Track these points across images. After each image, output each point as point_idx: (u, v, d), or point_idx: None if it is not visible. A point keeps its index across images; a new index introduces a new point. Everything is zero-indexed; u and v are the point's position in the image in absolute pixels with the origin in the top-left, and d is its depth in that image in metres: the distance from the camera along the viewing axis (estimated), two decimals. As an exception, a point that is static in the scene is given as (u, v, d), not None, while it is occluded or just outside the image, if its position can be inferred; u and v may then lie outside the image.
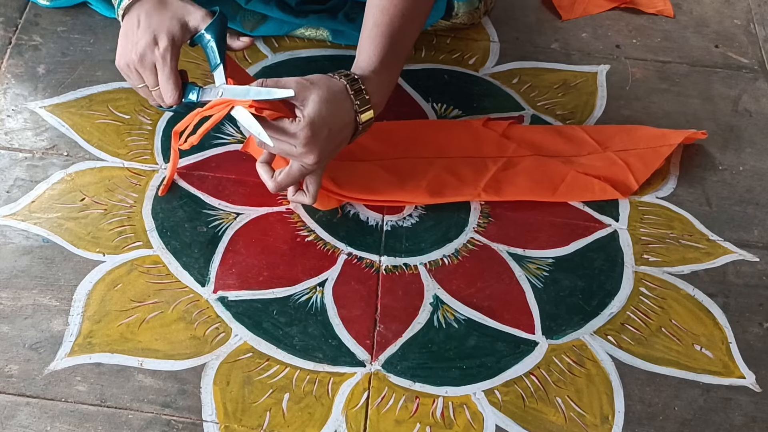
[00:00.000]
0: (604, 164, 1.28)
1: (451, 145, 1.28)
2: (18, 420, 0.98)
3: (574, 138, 1.32)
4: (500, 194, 1.23)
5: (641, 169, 1.29)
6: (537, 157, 1.28)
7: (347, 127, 1.10)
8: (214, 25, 1.09)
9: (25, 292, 1.09)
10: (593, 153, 1.30)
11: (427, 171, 1.24)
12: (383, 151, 1.26)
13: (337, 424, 1.02)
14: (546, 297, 1.16)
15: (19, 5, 1.42)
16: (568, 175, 1.26)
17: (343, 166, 1.22)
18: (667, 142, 1.32)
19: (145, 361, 1.04)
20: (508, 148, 1.28)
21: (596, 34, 1.53)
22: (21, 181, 1.20)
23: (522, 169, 1.26)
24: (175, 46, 1.08)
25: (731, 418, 1.08)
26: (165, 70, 1.08)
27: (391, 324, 1.11)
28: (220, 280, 1.13)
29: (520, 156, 1.27)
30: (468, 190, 1.23)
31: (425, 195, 1.22)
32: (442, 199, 1.23)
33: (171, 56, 1.07)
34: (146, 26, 1.08)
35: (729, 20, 1.58)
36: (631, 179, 1.27)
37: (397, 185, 1.22)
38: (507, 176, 1.25)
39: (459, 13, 1.46)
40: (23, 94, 1.30)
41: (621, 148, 1.31)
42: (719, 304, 1.18)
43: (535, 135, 1.31)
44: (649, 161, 1.30)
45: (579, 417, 1.05)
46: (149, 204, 1.19)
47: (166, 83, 1.08)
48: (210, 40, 1.09)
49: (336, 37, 1.42)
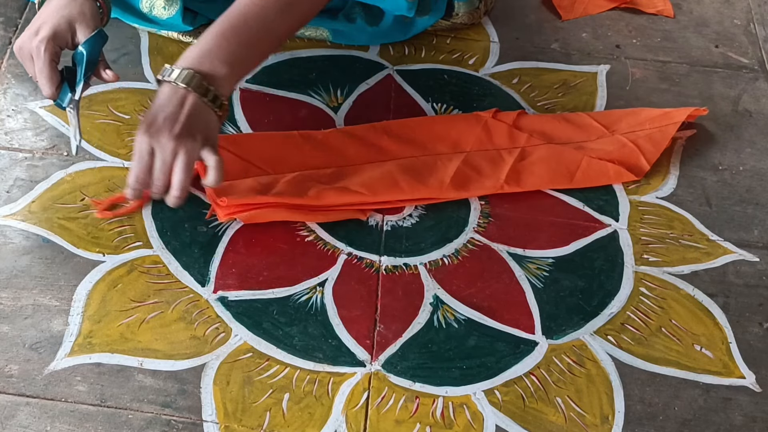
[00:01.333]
0: (615, 147, 1.30)
1: (466, 139, 1.28)
2: (18, 420, 0.98)
3: (582, 124, 1.34)
4: (521, 185, 1.24)
5: (651, 150, 1.31)
6: (550, 146, 1.29)
7: (182, 99, 1.07)
8: (91, 41, 1.11)
9: (25, 292, 1.09)
10: (602, 137, 1.32)
11: (447, 167, 1.24)
12: (399, 150, 1.25)
13: (337, 424, 1.02)
14: (546, 297, 1.16)
15: (19, 5, 1.42)
16: (582, 161, 1.27)
17: (362, 170, 1.22)
18: (671, 121, 1.34)
19: (145, 361, 1.04)
20: (520, 138, 1.29)
21: (596, 34, 1.53)
22: (21, 181, 1.20)
23: (538, 158, 1.27)
24: (52, 40, 1.09)
25: (731, 418, 1.08)
26: (38, 62, 1.09)
27: (391, 324, 1.11)
28: (220, 280, 1.13)
29: (533, 145, 1.29)
30: (490, 183, 1.24)
31: (451, 190, 1.22)
32: (467, 193, 1.23)
33: (45, 48, 1.08)
34: (38, 17, 1.11)
35: (729, 20, 1.58)
36: (642, 161, 1.30)
37: (420, 183, 1.22)
38: (525, 166, 1.26)
39: (459, 13, 1.46)
40: (23, 94, 1.30)
41: (628, 131, 1.33)
42: (719, 304, 1.18)
43: (545, 124, 1.33)
44: (658, 141, 1.32)
45: (579, 417, 1.05)
46: (149, 204, 1.19)
47: (39, 75, 1.10)
48: (83, 55, 1.11)
49: (336, 37, 1.42)
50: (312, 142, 1.24)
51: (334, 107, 1.34)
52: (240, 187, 1.16)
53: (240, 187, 1.16)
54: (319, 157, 1.23)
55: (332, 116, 1.33)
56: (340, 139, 1.26)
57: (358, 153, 1.24)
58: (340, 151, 1.24)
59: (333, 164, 1.22)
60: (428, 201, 1.23)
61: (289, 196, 1.16)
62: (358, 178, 1.21)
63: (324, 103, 1.35)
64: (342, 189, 1.19)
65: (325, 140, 1.25)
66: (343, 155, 1.24)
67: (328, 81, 1.37)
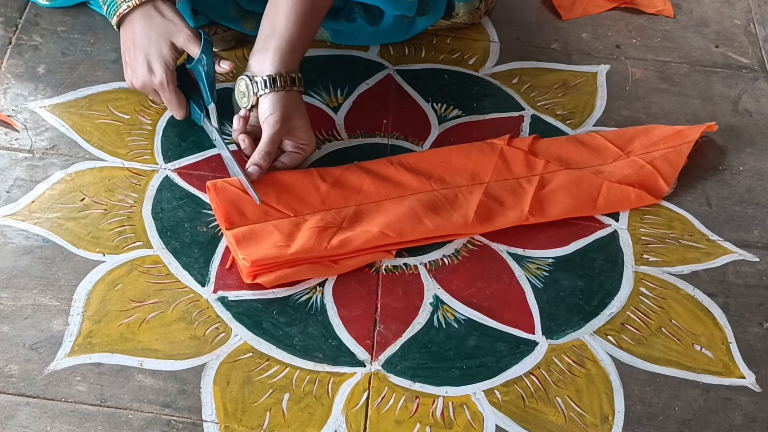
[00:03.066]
0: (633, 170, 1.28)
1: (485, 170, 1.25)
2: (18, 420, 0.98)
3: (597, 146, 1.31)
4: (546, 215, 1.22)
5: (668, 170, 1.29)
6: (569, 171, 1.27)
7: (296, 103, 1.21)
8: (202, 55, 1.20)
9: (25, 292, 1.09)
10: (618, 159, 1.30)
11: (469, 200, 1.21)
12: (419, 184, 1.23)
13: (337, 424, 1.02)
14: (546, 297, 1.16)
15: (19, 5, 1.42)
16: (603, 187, 1.25)
17: (384, 208, 1.19)
18: (685, 140, 1.32)
19: (145, 361, 1.04)
20: (537, 165, 1.27)
21: (596, 34, 1.53)
22: (21, 181, 1.20)
23: (558, 186, 1.25)
24: (168, 70, 1.20)
25: (731, 418, 1.08)
26: (165, 95, 1.22)
27: (391, 324, 1.11)
28: (220, 280, 1.13)
29: (551, 172, 1.26)
30: (514, 215, 1.21)
31: (476, 225, 1.20)
32: (492, 227, 1.21)
33: (167, 81, 1.21)
34: (140, 50, 1.21)
35: (729, 20, 1.58)
36: (661, 182, 1.28)
37: (445, 220, 1.19)
38: (547, 195, 1.24)
39: (459, 13, 1.46)
40: (23, 94, 1.30)
41: (643, 151, 1.31)
42: (719, 304, 1.18)
43: (560, 148, 1.30)
44: (674, 161, 1.30)
45: (579, 417, 1.05)
46: (149, 204, 1.19)
47: (169, 104, 1.24)
48: (201, 72, 1.21)
49: (336, 37, 1.42)
50: (330, 180, 1.21)
51: (334, 107, 1.34)
52: (263, 243, 1.12)
53: (263, 242, 1.12)
54: (338, 195, 1.20)
55: (332, 116, 1.33)
56: (357, 175, 1.22)
57: (377, 189, 1.21)
58: (359, 188, 1.21)
59: (352, 202, 1.19)
60: (454, 238, 1.20)
61: (312, 248, 1.12)
62: (381, 218, 1.17)
63: (324, 103, 1.35)
64: (366, 233, 1.15)
65: (343, 177, 1.22)
66: (362, 192, 1.21)
67: (328, 81, 1.37)
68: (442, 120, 1.35)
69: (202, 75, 1.21)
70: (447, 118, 1.35)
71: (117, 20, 1.22)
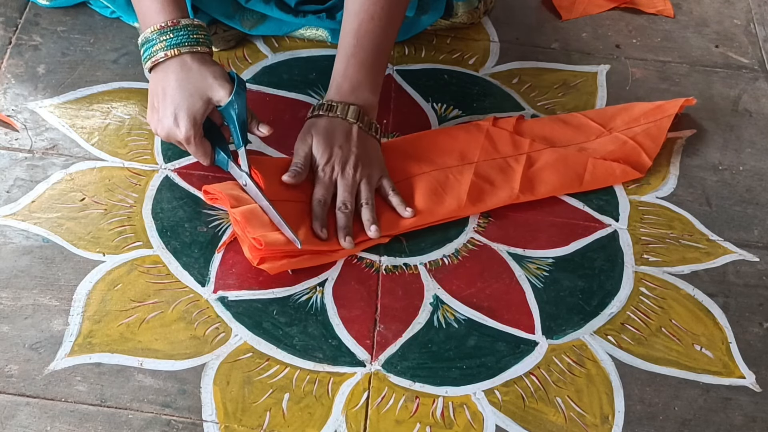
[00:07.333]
0: (616, 146, 1.31)
1: (472, 150, 1.27)
2: (18, 420, 0.98)
3: (579, 124, 1.34)
4: (535, 193, 1.24)
5: (650, 145, 1.32)
6: (554, 149, 1.29)
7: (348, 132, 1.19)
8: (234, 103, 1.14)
9: (25, 292, 1.09)
10: (601, 136, 1.32)
11: (461, 181, 1.23)
12: (410, 167, 1.24)
13: (337, 424, 1.02)
14: (546, 297, 1.16)
15: (19, 5, 1.42)
16: (588, 163, 1.28)
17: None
18: (665, 114, 1.35)
19: (145, 361, 1.04)
20: (523, 144, 1.29)
21: (596, 34, 1.53)
22: (21, 181, 1.20)
23: (545, 164, 1.27)
24: (196, 125, 1.14)
25: (731, 418, 1.08)
26: (191, 147, 1.17)
27: (391, 324, 1.11)
28: (220, 280, 1.13)
29: (537, 150, 1.28)
30: (505, 194, 1.23)
31: (470, 207, 1.21)
32: (484, 207, 1.22)
33: (193, 136, 1.15)
34: (170, 101, 1.14)
35: (729, 20, 1.58)
36: (644, 157, 1.31)
37: (438, 205, 1.20)
38: (535, 173, 1.25)
39: (459, 13, 1.46)
40: (23, 94, 1.30)
41: (625, 127, 1.34)
42: (719, 304, 1.18)
43: (544, 127, 1.33)
44: (655, 136, 1.33)
45: (579, 417, 1.05)
46: (149, 204, 1.19)
47: (195, 154, 1.18)
48: (233, 115, 1.15)
49: (335, 37, 1.41)
50: None
51: (334, 107, 1.34)
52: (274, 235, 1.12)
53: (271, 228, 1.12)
54: None
55: (332, 116, 1.33)
56: None
57: None
58: None
59: None
60: (449, 220, 1.21)
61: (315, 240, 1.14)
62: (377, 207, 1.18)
63: (324, 103, 1.35)
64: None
65: None
66: None
67: (328, 81, 1.37)
68: (442, 120, 1.35)
69: (234, 118, 1.15)
70: (447, 118, 1.35)
71: (151, 65, 1.15)
